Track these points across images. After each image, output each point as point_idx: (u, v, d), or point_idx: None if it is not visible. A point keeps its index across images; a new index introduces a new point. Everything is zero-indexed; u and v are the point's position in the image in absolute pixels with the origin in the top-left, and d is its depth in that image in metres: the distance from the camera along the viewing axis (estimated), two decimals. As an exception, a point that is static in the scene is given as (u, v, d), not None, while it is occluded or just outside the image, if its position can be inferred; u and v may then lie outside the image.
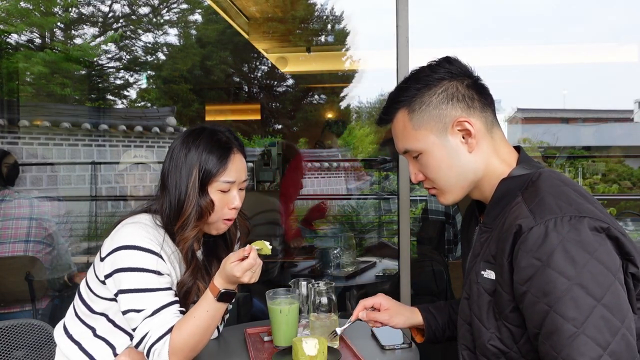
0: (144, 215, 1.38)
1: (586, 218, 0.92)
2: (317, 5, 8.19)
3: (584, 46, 5.27)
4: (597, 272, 0.88)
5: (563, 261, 0.89)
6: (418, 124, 1.09)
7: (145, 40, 10.30)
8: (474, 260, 1.11)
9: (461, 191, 1.12)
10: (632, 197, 8.26)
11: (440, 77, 1.09)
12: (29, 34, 8.19)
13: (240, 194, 1.40)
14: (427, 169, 1.12)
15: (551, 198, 0.96)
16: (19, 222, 2.71)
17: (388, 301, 1.38)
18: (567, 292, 0.88)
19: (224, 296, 1.28)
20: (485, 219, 1.11)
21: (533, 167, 1.08)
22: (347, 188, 10.10)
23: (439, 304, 1.41)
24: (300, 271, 2.99)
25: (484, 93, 1.11)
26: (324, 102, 11.95)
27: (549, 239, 0.90)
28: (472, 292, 1.09)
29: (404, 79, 1.14)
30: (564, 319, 0.88)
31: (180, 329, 1.26)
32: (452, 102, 1.08)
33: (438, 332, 1.36)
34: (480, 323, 1.05)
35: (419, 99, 1.09)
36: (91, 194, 6.58)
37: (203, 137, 1.37)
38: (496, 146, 1.10)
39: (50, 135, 6.41)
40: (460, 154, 1.08)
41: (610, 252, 0.91)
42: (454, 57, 1.13)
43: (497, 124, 1.12)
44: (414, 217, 3.69)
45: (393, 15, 2.09)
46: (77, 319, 1.43)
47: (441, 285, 2.90)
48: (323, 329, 1.48)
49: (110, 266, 1.31)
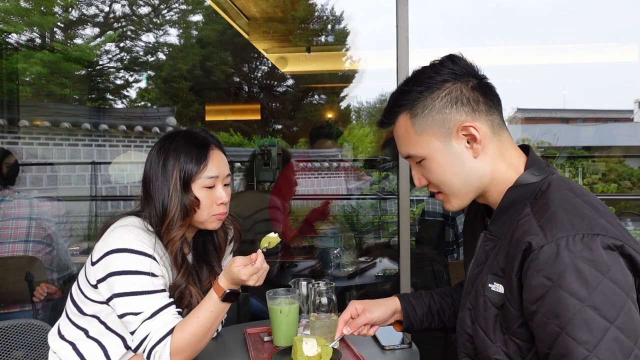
0: (133, 218, 1.38)
1: (599, 236, 0.89)
2: (317, 6, 8.19)
3: (584, 46, 5.27)
4: (610, 292, 0.85)
5: (575, 282, 0.86)
6: (421, 129, 1.05)
7: (146, 40, 10.30)
8: (478, 268, 1.09)
9: (467, 197, 1.08)
10: (632, 197, 8.27)
11: (443, 79, 1.04)
12: (29, 34, 8.20)
13: (226, 190, 1.40)
14: (430, 175, 1.08)
15: (562, 213, 0.92)
16: (19, 222, 2.71)
17: (361, 304, 1.34)
18: (578, 314, 0.85)
19: (229, 296, 1.29)
20: (491, 226, 1.08)
21: (542, 171, 1.04)
22: (347, 188, 10.10)
23: (419, 294, 1.37)
24: (300, 271, 2.99)
25: (490, 94, 1.06)
26: (324, 102, 11.95)
27: (561, 258, 0.87)
28: (477, 303, 1.05)
29: (406, 80, 1.09)
30: (575, 342, 0.85)
31: (183, 330, 1.26)
32: (456, 106, 1.03)
33: (416, 322, 1.33)
34: (486, 336, 1.02)
35: (421, 103, 1.04)
36: (91, 194, 6.58)
37: (179, 139, 1.38)
38: (503, 150, 1.06)
39: (50, 135, 6.41)
40: (465, 160, 1.04)
41: (623, 271, 0.88)
42: (458, 54, 1.07)
43: (504, 126, 1.07)
44: (414, 217, 3.69)
45: (393, 15, 2.09)
46: (69, 321, 1.43)
47: (441, 285, 2.90)
48: (323, 329, 1.48)
49: (103, 270, 1.30)
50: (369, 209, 5.90)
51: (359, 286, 2.87)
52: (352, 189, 10.07)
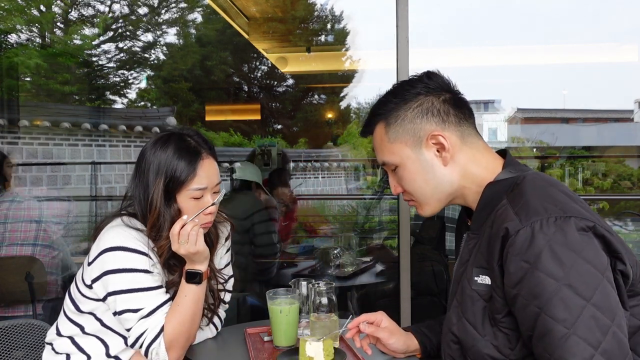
0: (126, 218, 1.37)
1: (572, 218, 0.92)
2: (317, 5, 8.20)
3: (584, 46, 5.28)
4: (585, 271, 0.89)
5: (550, 262, 0.89)
6: (394, 137, 1.11)
7: (145, 40, 10.30)
8: (463, 267, 1.11)
9: (438, 203, 1.13)
10: (632, 197, 8.27)
11: (417, 92, 1.11)
12: (28, 32, 8.20)
13: (214, 198, 1.38)
14: (403, 182, 1.14)
15: (536, 199, 0.96)
16: (29, 225, 2.69)
17: (388, 321, 1.36)
18: (556, 294, 0.88)
19: (189, 276, 1.32)
20: (472, 225, 1.11)
21: (519, 170, 1.08)
22: (347, 188, 10.11)
23: (430, 323, 1.39)
24: (300, 271, 2.99)
25: (461, 107, 1.12)
26: (324, 102, 11.96)
27: (536, 240, 0.91)
28: (464, 299, 1.08)
29: (385, 92, 1.16)
30: (554, 321, 0.88)
31: (170, 321, 1.30)
32: (426, 116, 1.09)
33: (433, 351, 1.35)
34: (475, 330, 1.04)
35: (395, 113, 1.11)
36: (91, 194, 6.58)
37: (171, 143, 1.35)
38: (477, 156, 1.11)
39: (50, 135, 6.40)
40: (435, 168, 1.10)
41: (597, 251, 0.91)
42: (435, 71, 1.14)
43: (477, 135, 1.13)
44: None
45: (393, 15, 2.09)
46: (66, 318, 1.44)
47: (441, 285, 2.90)
48: (323, 329, 1.48)
49: (98, 269, 1.31)
50: (368, 209, 5.91)
51: (358, 286, 2.87)
52: (352, 188, 10.08)
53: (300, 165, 9.22)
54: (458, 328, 1.09)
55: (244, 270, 2.85)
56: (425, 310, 2.74)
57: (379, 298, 2.90)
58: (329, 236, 5.23)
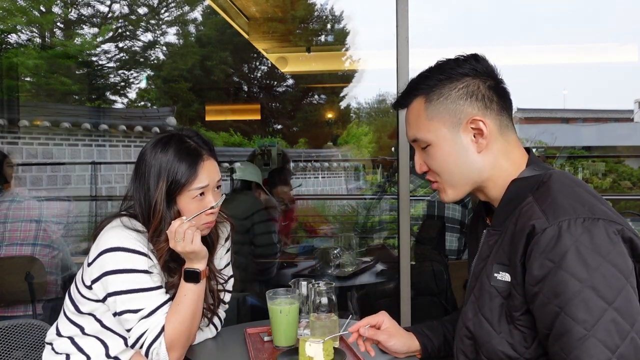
0: (125, 219, 1.37)
1: (600, 220, 0.91)
2: (317, 5, 8.20)
3: (584, 46, 5.28)
4: (610, 275, 0.88)
5: (575, 263, 0.88)
6: (432, 114, 1.08)
7: (145, 40, 10.30)
8: (482, 262, 1.10)
9: (463, 189, 1.11)
10: (632, 197, 8.26)
11: (464, 72, 1.08)
12: (29, 32, 8.20)
13: (215, 195, 1.37)
14: (433, 162, 1.11)
15: (564, 198, 0.95)
16: (28, 225, 2.69)
17: (390, 322, 1.36)
18: (578, 294, 0.87)
19: (188, 275, 1.32)
20: (494, 221, 1.10)
21: (543, 168, 1.07)
22: (347, 188, 10.11)
23: (433, 325, 1.39)
24: (300, 271, 2.99)
25: (504, 97, 1.10)
26: (324, 102, 11.96)
27: (562, 240, 0.90)
28: (482, 294, 1.06)
29: (428, 68, 1.12)
30: (574, 321, 0.87)
31: (170, 321, 1.30)
32: (470, 99, 1.07)
33: (434, 353, 1.35)
34: (491, 326, 1.03)
35: (438, 90, 1.08)
36: (91, 194, 6.58)
37: (171, 146, 1.34)
38: (509, 149, 1.09)
39: (50, 135, 6.40)
40: (468, 152, 1.07)
41: (623, 255, 0.90)
42: (482, 55, 1.11)
43: (512, 128, 1.11)
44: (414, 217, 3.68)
45: (393, 15, 2.09)
46: (66, 319, 1.44)
47: (441, 285, 2.90)
48: (323, 329, 1.48)
49: (98, 270, 1.31)
50: (368, 209, 5.90)
51: (358, 286, 2.87)
52: (352, 188, 10.08)
53: (300, 165, 9.22)
54: (473, 323, 1.08)
55: (244, 270, 2.85)
56: (425, 310, 2.74)
57: (379, 298, 2.90)
58: (329, 236, 5.23)
